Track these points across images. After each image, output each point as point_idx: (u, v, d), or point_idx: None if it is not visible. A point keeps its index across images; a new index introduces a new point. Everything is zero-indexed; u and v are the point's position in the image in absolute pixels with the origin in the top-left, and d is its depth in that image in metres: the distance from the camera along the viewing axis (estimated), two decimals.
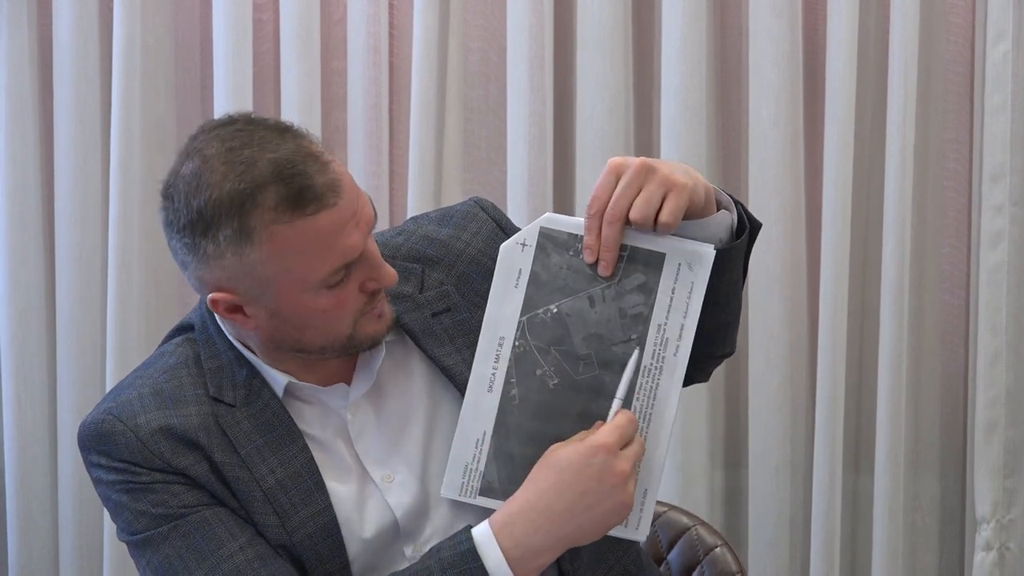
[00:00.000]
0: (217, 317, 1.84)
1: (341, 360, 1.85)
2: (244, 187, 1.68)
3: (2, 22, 3.09)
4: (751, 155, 2.94)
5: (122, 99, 3.03)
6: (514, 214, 2.95)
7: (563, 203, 3.03)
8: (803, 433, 2.99)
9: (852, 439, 3.00)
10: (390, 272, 1.77)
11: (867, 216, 2.97)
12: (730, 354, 1.96)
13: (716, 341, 1.90)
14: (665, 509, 2.33)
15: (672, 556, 2.30)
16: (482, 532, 1.73)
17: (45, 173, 3.13)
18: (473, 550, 1.72)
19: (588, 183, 2.97)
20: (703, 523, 2.32)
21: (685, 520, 2.31)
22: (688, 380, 1.90)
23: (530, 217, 2.94)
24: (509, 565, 1.71)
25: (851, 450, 3.00)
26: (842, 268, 2.89)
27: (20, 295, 3.12)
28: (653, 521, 2.30)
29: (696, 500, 2.98)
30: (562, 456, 1.73)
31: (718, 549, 2.27)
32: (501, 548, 1.72)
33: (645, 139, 3.01)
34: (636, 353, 1.76)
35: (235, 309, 1.77)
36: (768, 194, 2.92)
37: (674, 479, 2.97)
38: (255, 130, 1.72)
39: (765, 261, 2.90)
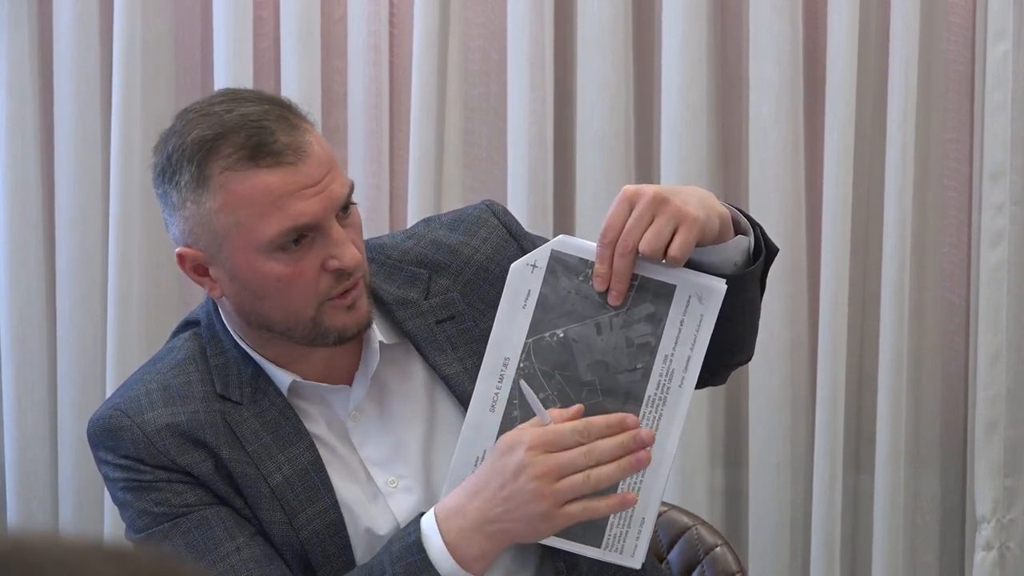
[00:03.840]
0: (220, 313, 1.85)
1: (339, 358, 1.85)
2: (208, 134, 1.71)
3: (2, 21, 3.09)
4: (751, 153, 2.93)
5: (123, 98, 3.03)
6: (514, 213, 2.90)
7: (563, 202, 3.03)
8: (803, 432, 2.99)
9: (852, 438, 3.00)
10: (352, 253, 1.75)
11: (867, 216, 2.96)
12: (747, 361, 1.95)
13: (734, 352, 1.89)
14: (665, 509, 2.33)
15: (672, 556, 2.29)
16: (428, 522, 1.72)
17: (45, 172, 3.13)
18: (418, 541, 1.71)
19: (588, 183, 2.96)
20: (703, 523, 2.31)
21: (685, 520, 2.31)
22: (702, 384, 1.90)
23: (530, 217, 2.94)
24: (452, 554, 1.70)
25: (851, 449, 3.00)
26: (842, 268, 2.89)
27: (20, 295, 3.12)
28: None
29: (696, 499, 2.97)
30: (500, 441, 1.72)
31: (718, 548, 2.27)
32: (443, 537, 1.71)
33: (645, 138, 3.01)
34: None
35: (201, 271, 1.78)
36: (768, 193, 2.92)
37: (674, 479, 2.97)
38: (241, 92, 1.77)
39: None
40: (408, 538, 1.72)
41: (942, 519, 3.02)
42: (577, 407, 1.71)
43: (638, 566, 1.78)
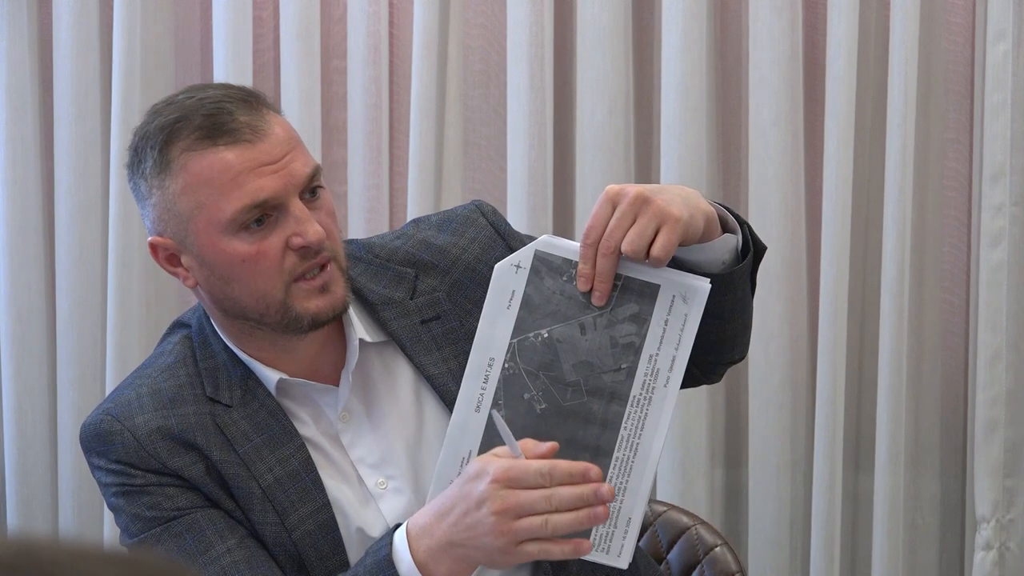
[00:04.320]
0: (209, 318, 1.85)
1: (323, 356, 1.85)
2: (169, 119, 1.75)
3: (2, 22, 3.10)
4: (751, 154, 2.94)
5: (122, 99, 3.03)
6: (514, 213, 2.95)
7: (563, 203, 3.03)
8: (803, 432, 2.99)
9: (852, 438, 3.00)
10: (316, 229, 1.75)
11: (867, 216, 2.96)
12: (740, 359, 1.95)
13: (725, 350, 1.89)
14: (665, 508, 2.33)
15: (672, 556, 2.30)
16: (400, 537, 1.73)
17: (45, 173, 3.14)
18: (389, 557, 1.72)
19: (588, 183, 2.97)
20: (703, 522, 2.32)
21: (685, 519, 2.31)
22: (697, 382, 1.89)
23: (530, 217, 2.94)
24: (421, 572, 1.70)
25: (851, 449, 3.00)
26: (842, 268, 2.89)
27: (20, 295, 3.13)
28: (653, 521, 2.30)
29: (696, 499, 2.97)
30: (470, 465, 1.71)
31: (718, 548, 2.27)
32: (413, 556, 1.71)
33: (645, 139, 3.01)
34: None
35: (175, 261, 1.80)
36: (768, 193, 2.92)
37: (674, 478, 2.97)
38: (207, 84, 1.83)
39: (765, 260, 2.87)
40: (380, 552, 1.73)
41: (942, 519, 3.03)
42: (550, 445, 1.70)
43: (625, 566, 1.77)
